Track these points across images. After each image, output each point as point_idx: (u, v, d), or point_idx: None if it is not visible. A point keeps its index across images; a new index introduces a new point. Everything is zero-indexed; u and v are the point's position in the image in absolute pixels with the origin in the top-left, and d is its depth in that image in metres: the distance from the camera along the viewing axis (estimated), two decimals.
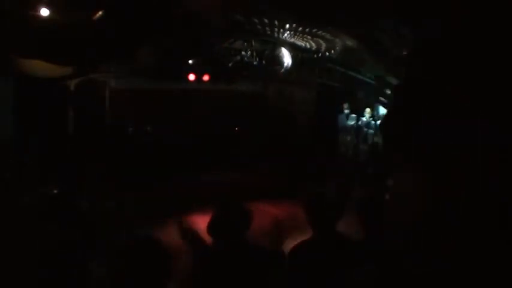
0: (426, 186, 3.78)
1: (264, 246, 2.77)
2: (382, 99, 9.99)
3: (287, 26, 6.77)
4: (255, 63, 8.73)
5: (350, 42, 7.38)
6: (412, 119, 3.98)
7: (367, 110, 10.51)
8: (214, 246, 2.61)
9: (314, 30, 6.93)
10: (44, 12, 5.38)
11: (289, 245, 2.74)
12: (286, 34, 7.27)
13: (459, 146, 3.54)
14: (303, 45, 7.99)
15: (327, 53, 8.35)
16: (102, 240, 4.78)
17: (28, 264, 3.87)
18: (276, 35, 7.30)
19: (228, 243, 2.54)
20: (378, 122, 10.54)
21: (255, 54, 8.61)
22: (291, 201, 7.03)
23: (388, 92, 10.84)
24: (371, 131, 10.29)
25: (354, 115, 10.61)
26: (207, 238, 2.63)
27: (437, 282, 2.90)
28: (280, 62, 8.59)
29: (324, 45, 7.91)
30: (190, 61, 9.16)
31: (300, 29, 6.86)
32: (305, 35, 7.31)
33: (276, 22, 6.55)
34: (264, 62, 8.77)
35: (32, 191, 5.70)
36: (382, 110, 11.19)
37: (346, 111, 10.68)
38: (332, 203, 2.71)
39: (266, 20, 6.47)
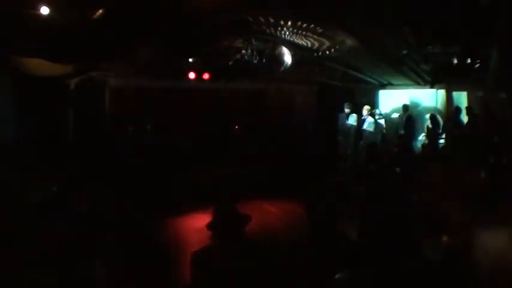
0: None
1: (262, 242, 2.81)
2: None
3: (287, 24, 6.76)
4: (255, 61, 8.71)
5: (350, 41, 7.38)
6: None
7: (366, 107, 10.50)
8: (213, 242, 2.64)
9: (314, 29, 6.93)
10: (44, 11, 5.37)
11: (289, 243, 2.76)
12: (286, 32, 7.26)
13: None
14: (303, 43, 7.98)
15: (327, 52, 8.35)
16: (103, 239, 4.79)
17: (28, 264, 3.88)
18: (276, 33, 7.30)
19: (226, 240, 2.58)
20: (379, 120, 10.57)
21: (255, 52, 8.59)
22: (290, 200, 7.05)
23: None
24: (369, 129, 10.31)
25: (354, 114, 10.60)
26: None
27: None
28: (280, 61, 8.57)
29: (324, 44, 7.91)
30: (190, 59, 9.15)
31: (300, 27, 6.86)
32: (305, 34, 7.30)
33: (276, 21, 6.55)
34: (264, 60, 8.76)
35: (32, 191, 5.71)
36: (383, 108, 11.22)
37: (347, 110, 10.67)
38: (331, 202, 2.72)
39: (266, 19, 6.47)
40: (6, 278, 3.71)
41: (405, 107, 10.38)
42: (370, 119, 10.37)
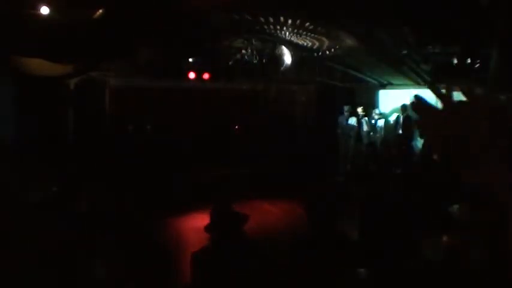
0: None
1: (262, 242, 2.81)
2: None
3: (287, 24, 6.76)
4: (255, 61, 8.72)
5: (350, 41, 7.38)
6: None
7: (359, 108, 10.57)
8: (212, 242, 2.64)
9: (314, 29, 6.93)
10: (44, 11, 5.38)
11: (289, 243, 2.76)
12: (286, 32, 7.26)
13: None
14: (303, 43, 7.99)
15: (327, 52, 8.35)
16: (103, 239, 4.79)
17: (29, 263, 3.88)
18: (276, 33, 7.30)
19: (226, 240, 2.59)
20: (379, 122, 10.58)
21: (255, 52, 8.60)
22: (290, 200, 7.05)
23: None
24: (368, 129, 10.34)
25: (354, 115, 10.61)
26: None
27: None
28: (280, 61, 8.59)
29: (324, 44, 7.91)
30: (190, 59, 9.16)
31: (300, 27, 6.86)
32: (305, 34, 7.30)
33: (277, 20, 6.55)
34: (264, 60, 8.77)
35: (32, 191, 5.71)
36: (384, 108, 11.22)
37: (346, 113, 10.70)
38: (332, 202, 2.72)
39: (266, 19, 6.47)
40: (6, 278, 3.71)
41: (404, 107, 10.40)
42: (366, 119, 10.43)
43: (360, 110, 10.55)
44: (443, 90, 0.95)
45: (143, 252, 4.88)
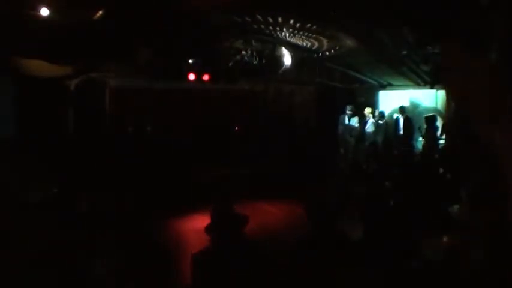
0: None
1: (262, 242, 2.81)
2: None
3: (287, 24, 6.77)
4: (254, 62, 8.73)
5: (350, 42, 7.38)
6: None
7: (367, 109, 10.53)
8: (213, 243, 2.64)
9: (314, 29, 6.93)
10: (44, 12, 5.38)
11: (289, 243, 2.76)
12: (286, 33, 7.27)
13: None
14: (303, 44, 7.99)
15: (327, 53, 8.36)
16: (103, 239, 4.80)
17: (28, 264, 3.89)
18: (276, 34, 7.30)
19: (226, 241, 2.59)
20: (380, 122, 10.57)
21: (255, 53, 8.61)
22: (290, 200, 7.05)
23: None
24: (371, 130, 10.33)
25: (355, 115, 10.61)
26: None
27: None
28: (280, 62, 8.60)
29: (324, 45, 7.91)
30: (190, 60, 9.16)
31: (300, 27, 6.86)
32: (305, 34, 7.31)
33: (277, 21, 6.55)
34: (263, 61, 8.78)
35: (32, 191, 5.71)
36: (384, 109, 11.22)
37: (348, 112, 10.68)
38: (332, 202, 2.73)
39: (266, 19, 6.47)
40: (6, 278, 3.71)
41: (402, 109, 10.41)
42: (371, 120, 10.41)
43: (367, 111, 10.49)
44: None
45: (143, 252, 4.88)
